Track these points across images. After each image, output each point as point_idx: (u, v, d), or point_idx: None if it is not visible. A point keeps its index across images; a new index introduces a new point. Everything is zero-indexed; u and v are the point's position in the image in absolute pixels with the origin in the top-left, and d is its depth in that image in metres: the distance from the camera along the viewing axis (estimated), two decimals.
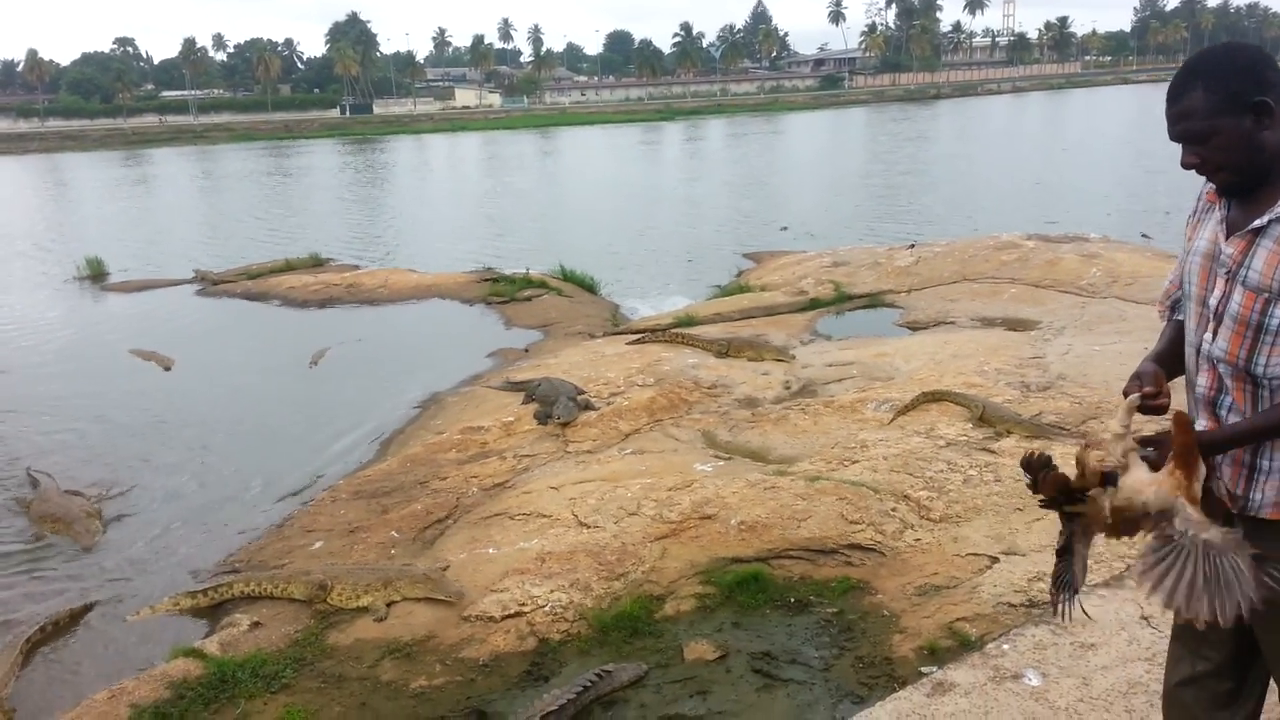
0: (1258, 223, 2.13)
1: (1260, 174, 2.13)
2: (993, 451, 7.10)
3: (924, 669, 4.23)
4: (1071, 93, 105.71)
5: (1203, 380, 2.30)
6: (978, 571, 5.34)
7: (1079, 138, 47.16)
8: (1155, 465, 2.16)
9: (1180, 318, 2.46)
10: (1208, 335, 2.26)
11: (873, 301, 13.83)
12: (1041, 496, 2.28)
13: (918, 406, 8.26)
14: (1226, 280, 2.20)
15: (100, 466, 9.17)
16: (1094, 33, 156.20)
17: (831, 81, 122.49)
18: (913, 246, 16.09)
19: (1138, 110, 69.40)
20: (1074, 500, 2.21)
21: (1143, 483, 2.11)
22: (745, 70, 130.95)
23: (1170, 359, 2.44)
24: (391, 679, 4.92)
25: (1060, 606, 2.33)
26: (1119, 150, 39.28)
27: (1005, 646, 3.58)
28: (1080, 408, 7.98)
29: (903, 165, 37.84)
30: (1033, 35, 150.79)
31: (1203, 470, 2.12)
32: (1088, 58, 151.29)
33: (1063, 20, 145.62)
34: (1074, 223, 18.73)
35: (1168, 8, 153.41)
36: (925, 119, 71.41)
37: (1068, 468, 2.25)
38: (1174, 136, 2.21)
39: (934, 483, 6.54)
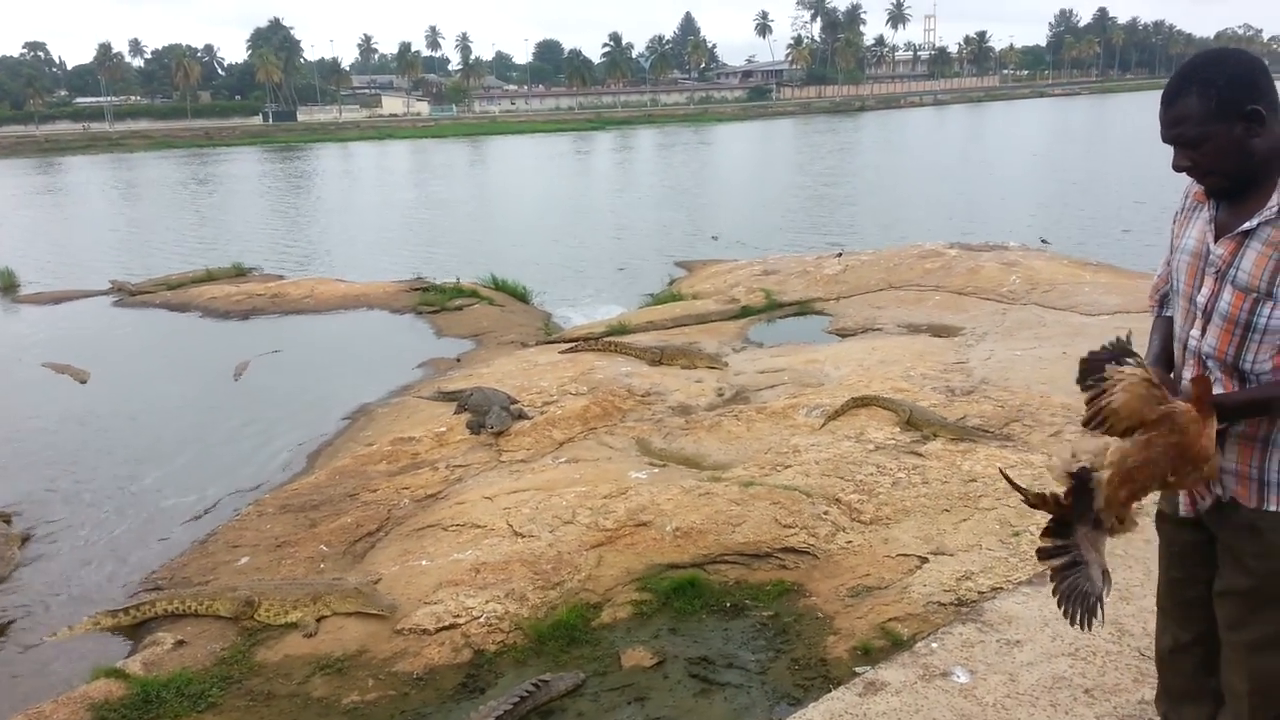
0: (1247, 225, 2.19)
1: (1249, 178, 2.20)
2: (920, 454, 7.25)
3: (857, 669, 4.30)
4: (990, 105, 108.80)
5: (1189, 374, 2.36)
6: (908, 572, 5.45)
7: (999, 149, 48.55)
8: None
9: (1169, 313, 2.53)
10: (1195, 331, 2.32)
11: (803, 309, 14.03)
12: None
13: (848, 411, 8.40)
14: (1216, 280, 2.25)
15: (11, 484, 8.81)
16: (1011, 47, 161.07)
17: (759, 93, 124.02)
18: (840, 255, 16.38)
19: (1054, 122, 71.79)
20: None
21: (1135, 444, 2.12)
22: (675, 81, 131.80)
23: (1165, 361, 2.49)
24: (323, 695, 4.83)
25: (1080, 616, 2.23)
26: (1035, 161, 40.50)
27: (934, 645, 3.65)
28: (1003, 410, 8.20)
29: (830, 175, 38.49)
30: (953, 50, 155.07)
31: (1214, 423, 2.12)
32: (1006, 72, 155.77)
33: (981, 35, 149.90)
34: (992, 231, 19.27)
35: (1081, 24, 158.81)
36: (851, 130, 72.78)
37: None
38: (1167, 140, 2.25)
39: (864, 486, 6.65)
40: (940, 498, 6.38)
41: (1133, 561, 4.17)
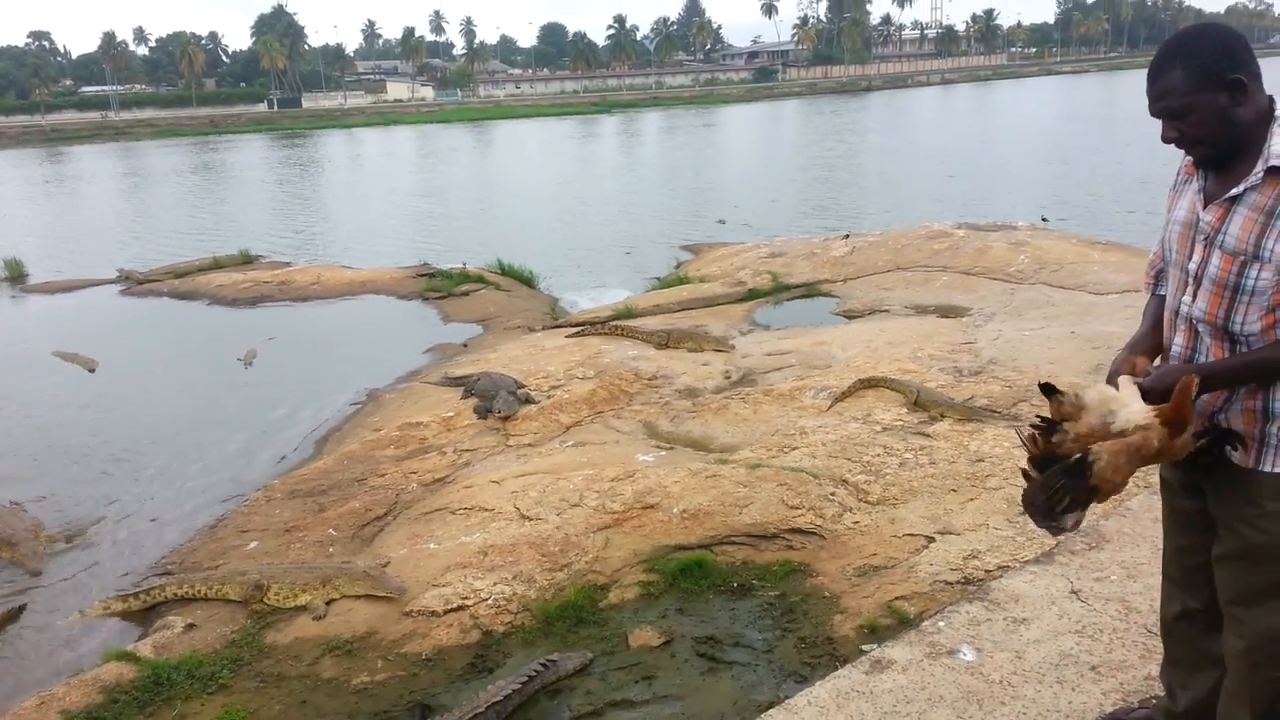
0: (1234, 191, 2.26)
1: (1235, 147, 2.26)
2: (927, 435, 7.24)
3: (864, 647, 4.31)
4: (998, 84, 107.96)
5: (1179, 340, 2.43)
6: (915, 551, 5.45)
7: (1005, 128, 48.24)
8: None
9: (1163, 292, 2.58)
10: (1186, 298, 2.39)
11: (809, 291, 13.99)
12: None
13: (855, 393, 8.39)
14: (1205, 246, 2.33)
15: (22, 472, 8.87)
16: (1019, 25, 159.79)
17: (765, 74, 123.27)
18: (847, 237, 16.31)
19: (1061, 100, 71.25)
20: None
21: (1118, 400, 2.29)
22: (680, 63, 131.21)
23: (1148, 344, 2.57)
24: (332, 676, 4.86)
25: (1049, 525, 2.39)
26: (1041, 140, 40.22)
27: (941, 623, 3.65)
28: (1011, 391, 8.18)
29: (837, 157, 38.31)
30: (960, 28, 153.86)
31: (1188, 433, 2.25)
32: (1013, 49, 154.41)
33: (989, 13, 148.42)
34: (997, 211, 19.16)
35: (1089, 1, 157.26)
36: (857, 111, 72.36)
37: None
38: (1154, 113, 2.32)
39: (871, 467, 6.65)
40: (947, 478, 6.38)
41: (1140, 540, 4.16)
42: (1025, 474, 2.43)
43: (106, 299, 17.27)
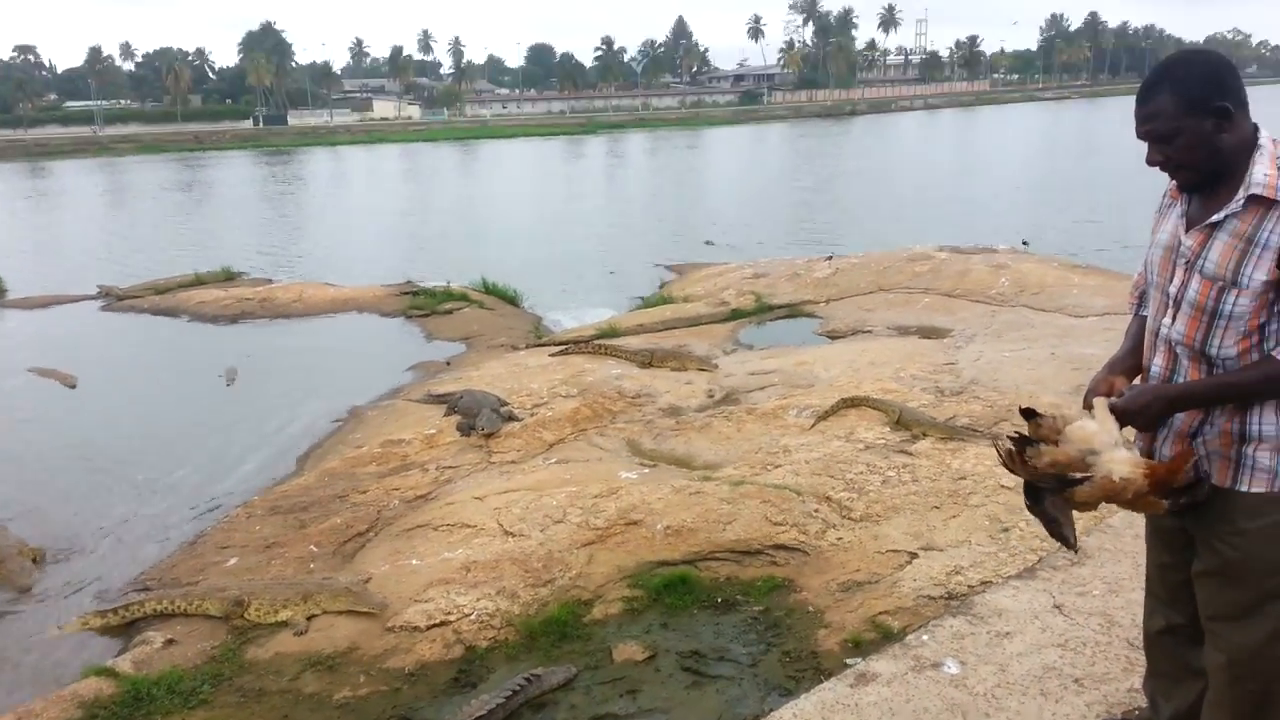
0: (1215, 218, 2.30)
1: (1218, 173, 2.31)
2: (910, 453, 7.27)
3: (849, 661, 4.31)
4: (981, 110, 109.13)
5: (1158, 361, 2.48)
6: (898, 567, 5.47)
7: (987, 153, 48.76)
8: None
9: (1145, 313, 2.63)
10: (1166, 320, 2.44)
11: (793, 312, 14.07)
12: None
13: (837, 412, 8.42)
14: (1185, 270, 2.37)
15: (1, 489, 8.77)
16: (1002, 51, 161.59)
17: (751, 97, 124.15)
18: (830, 258, 16.43)
19: (1042, 127, 72.13)
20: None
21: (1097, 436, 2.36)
22: (666, 85, 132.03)
23: (1127, 365, 2.63)
24: (314, 691, 4.82)
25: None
26: (1022, 165, 40.69)
27: (925, 637, 3.67)
28: (992, 410, 8.24)
29: (821, 179, 38.59)
30: (944, 54, 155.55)
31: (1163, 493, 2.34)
32: (996, 76, 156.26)
33: (972, 39, 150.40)
34: (978, 235, 19.31)
35: (1072, 28, 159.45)
36: (842, 135, 72.98)
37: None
38: (1141, 135, 2.37)
39: (854, 484, 6.67)
40: (930, 495, 6.41)
41: (1122, 556, 4.20)
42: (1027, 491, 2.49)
43: (86, 315, 17.14)
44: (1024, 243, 18.18)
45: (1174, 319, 2.40)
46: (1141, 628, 2.80)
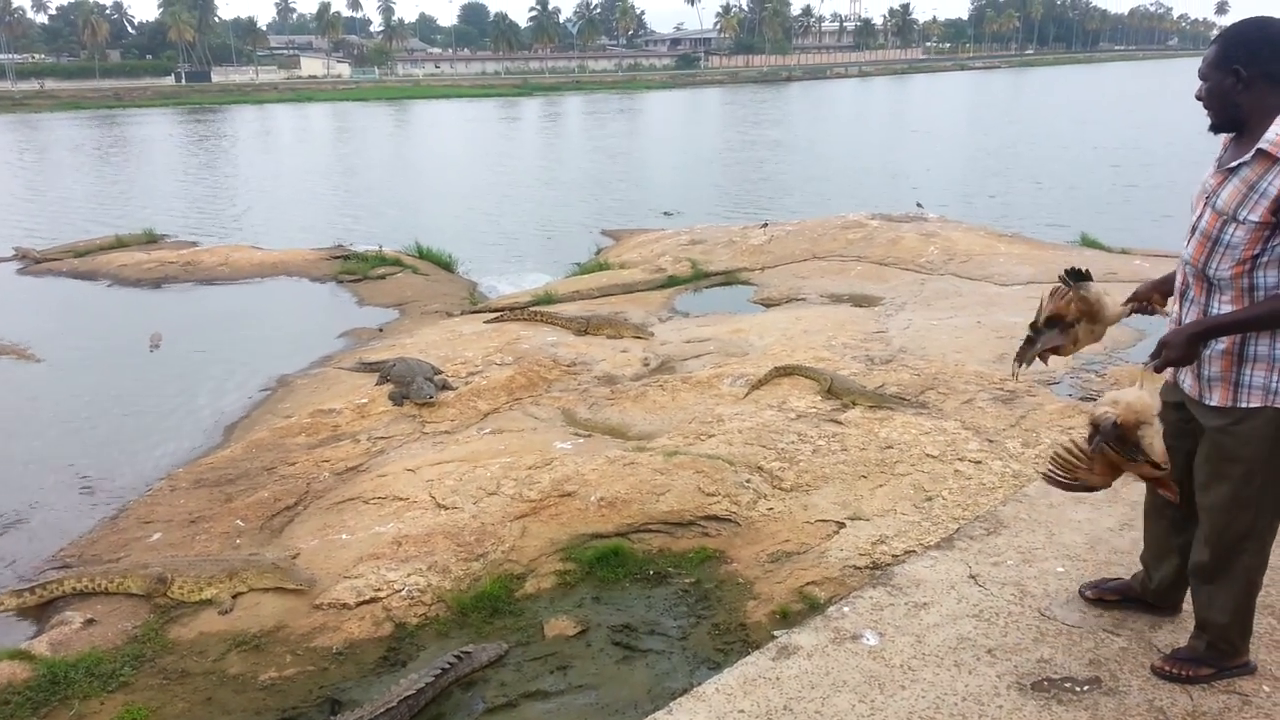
0: (1232, 164, 2.76)
1: (1232, 123, 2.79)
2: (840, 422, 7.40)
3: (776, 633, 4.39)
4: (914, 77, 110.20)
5: (1178, 279, 3.01)
6: (826, 537, 5.58)
7: (920, 122, 49.28)
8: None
9: None
10: (1185, 244, 2.93)
11: (729, 279, 14.13)
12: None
13: (771, 381, 8.52)
14: (1204, 203, 2.85)
15: None
16: (934, 20, 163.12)
17: (688, 61, 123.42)
18: (766, 225, 16.50)
19: (973, 95, 73.09)
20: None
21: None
22: (603, 47, 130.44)
23: (1169, 284, 3.12)
24: (239, 672, 4.76)
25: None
26: (955, 134, 41.26)
27: (846, 609, 3.74)
28: (919, 379, 8.41)
29: (757, 145, 38.65)
30: (878, 21, 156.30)
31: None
32: (929, 44, 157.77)
33: (905, 7, 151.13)
34: (909, 201, 19.56)
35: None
36: (778, 100, 73.09)
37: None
38: (1199, 74, 2.85)
39: (786, 454, 6.77)
40: (858, 464, 6.53)
41: (1036, 525, 4.32)
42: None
43: (2, 278, 16.47)
44: (918, 205, 18.21)
45: (1188, 243, 2.89)
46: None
